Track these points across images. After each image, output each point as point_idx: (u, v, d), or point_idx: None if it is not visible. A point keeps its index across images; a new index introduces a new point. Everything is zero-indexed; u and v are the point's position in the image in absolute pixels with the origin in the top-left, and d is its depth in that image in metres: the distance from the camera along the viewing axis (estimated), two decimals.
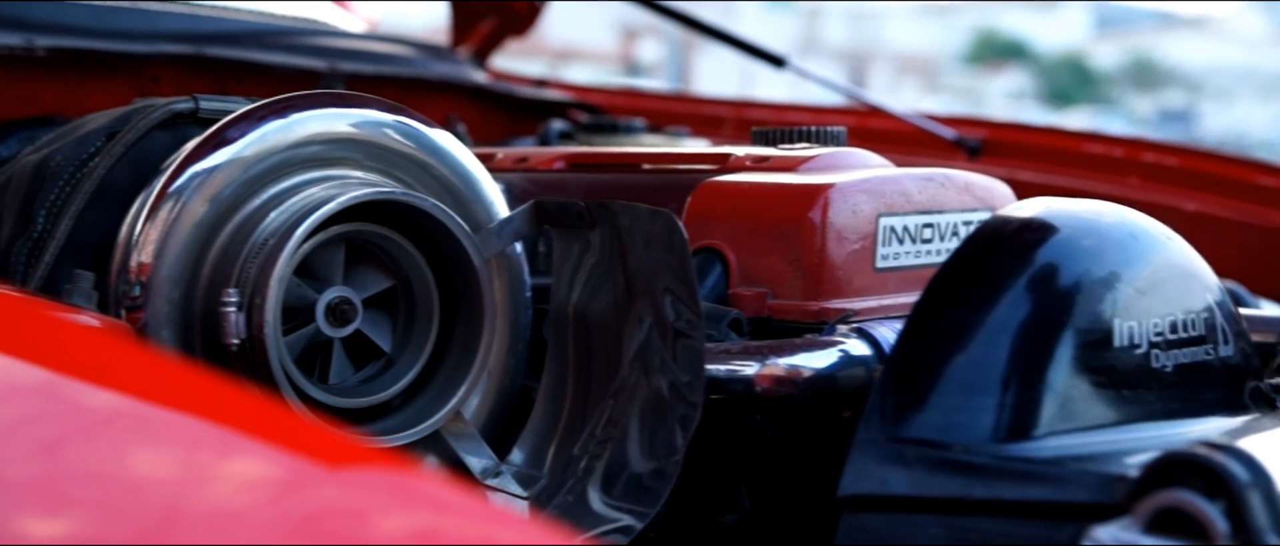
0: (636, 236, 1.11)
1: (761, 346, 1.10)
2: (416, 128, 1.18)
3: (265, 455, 0.57)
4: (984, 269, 1.01)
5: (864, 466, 0.94)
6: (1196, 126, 33.64)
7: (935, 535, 0.90)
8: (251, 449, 0.58)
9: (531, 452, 1.18)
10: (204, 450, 0.56)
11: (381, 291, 1.17)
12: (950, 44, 37.25)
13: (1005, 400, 0.96)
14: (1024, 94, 35.68)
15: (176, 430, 0.58)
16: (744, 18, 34.51)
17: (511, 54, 2.54)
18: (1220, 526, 0.79)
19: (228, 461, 0.55)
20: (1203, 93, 36.00)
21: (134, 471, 0.53)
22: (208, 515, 0.50)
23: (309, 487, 0.55)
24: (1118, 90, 36.28)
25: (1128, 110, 34.63)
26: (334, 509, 0.54)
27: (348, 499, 0.55)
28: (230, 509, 0.51)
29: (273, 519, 0.51)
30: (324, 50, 1.84)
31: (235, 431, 0.59)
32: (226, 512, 0.50)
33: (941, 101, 31.23)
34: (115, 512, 0.50)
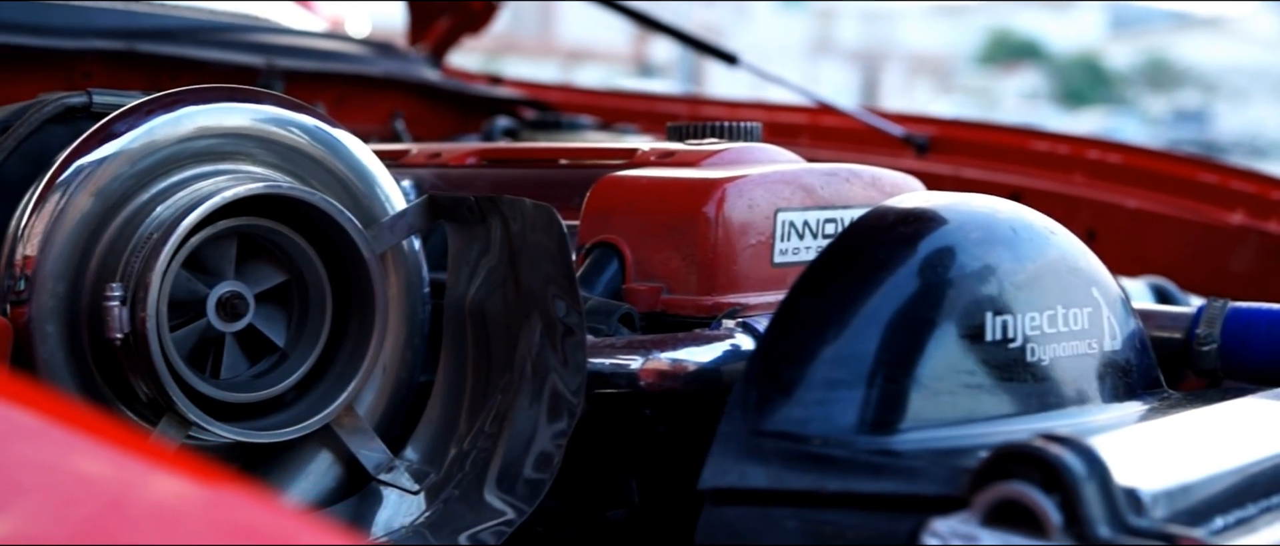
0: (523, 231, 1.11)
1: (646, 341, 1.10)
2: (312, 123, 1.19)
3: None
4: (854, 261, 1.01)
5: (724, 459, 0.94)
6: (1211, 127, 33.51)
7: (791, 528, 0.90)
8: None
9: (425, 447, 1.18)
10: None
11: (277, 286, 1.17)
12: (964, 44, 37.16)
13: (870, 393, 0.96)
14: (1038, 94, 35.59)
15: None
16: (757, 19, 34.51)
17: (524, 55, 2.56)
18: (1054, 518, 0.79)
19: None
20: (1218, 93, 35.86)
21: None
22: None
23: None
24: (1132, 90, 36.15)
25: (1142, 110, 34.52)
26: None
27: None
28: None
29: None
30: (263, 47, 1.84)
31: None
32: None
33: (955, 102, 31.17)
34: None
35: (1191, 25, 40.27)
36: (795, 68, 32.89)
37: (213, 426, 1.09)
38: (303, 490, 1.17)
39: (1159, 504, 0.83)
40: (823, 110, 2.33)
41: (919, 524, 0.82)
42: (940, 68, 36.26)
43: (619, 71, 24.64)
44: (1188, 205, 1.96)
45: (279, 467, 1.17)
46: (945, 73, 36.30)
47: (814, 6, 36.03)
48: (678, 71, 27.49)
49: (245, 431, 1.11)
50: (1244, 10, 39.07)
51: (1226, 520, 0.88)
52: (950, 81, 35.85)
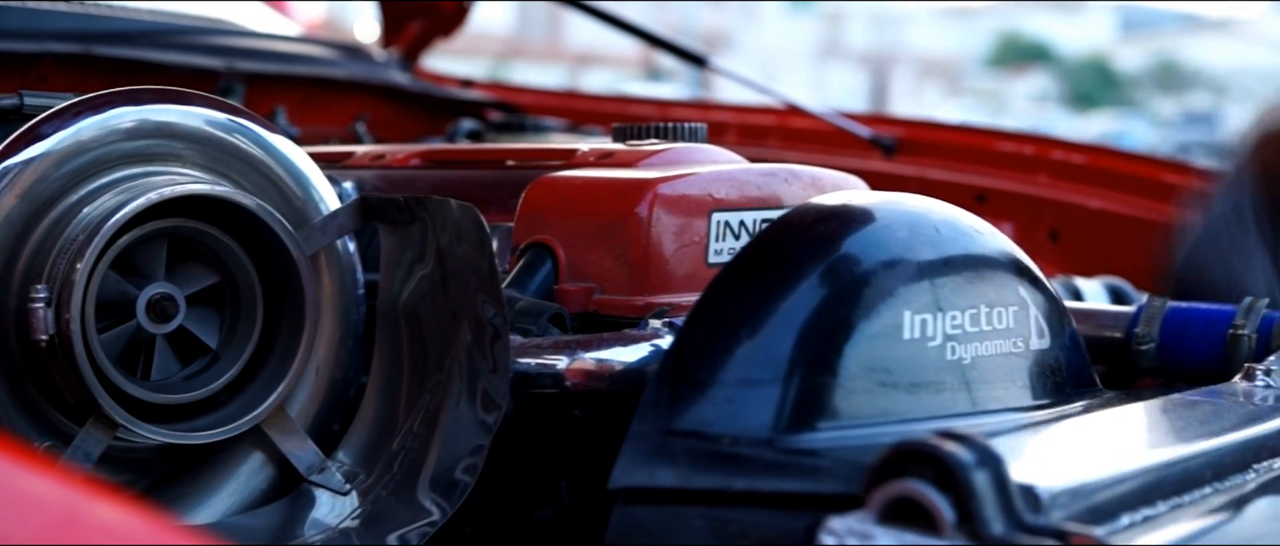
0: (449, 232, 1.11)
1: (571, 341, 1.10)
2: (245, 124, 1.19)
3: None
4: (770, 260, 1.01)
5: (634, 459, 0.94)
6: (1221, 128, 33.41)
7: (699, 527, 0.90)
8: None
9: (357, 448, 1.18)
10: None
11: (209, 288, 1.17)
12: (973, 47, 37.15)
13: (783, 392, 0.96)
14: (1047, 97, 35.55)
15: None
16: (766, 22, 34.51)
17: (532, 59, 2.56)
18: (947, 516, 0.79)
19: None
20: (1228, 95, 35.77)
21: None
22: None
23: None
24: (1142, 93, 36.10)
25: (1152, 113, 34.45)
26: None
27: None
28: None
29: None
30: (223, 49, 1.85)
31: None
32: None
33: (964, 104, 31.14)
34: None
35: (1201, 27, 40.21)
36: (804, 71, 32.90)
37: (138, 428, 1.09)
38: (234, 491, 1.17)
39: (1058, 501, 0.83)
40: (792, 112, 2.33)
41: (816, 522, 0.82)
42: (949, 70, 36.25)
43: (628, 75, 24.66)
44: (1150, 205, 1.96)
45: (211, 469, 1.17)
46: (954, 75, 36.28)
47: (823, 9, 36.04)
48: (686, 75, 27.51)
49: (172, 433, 1.11)
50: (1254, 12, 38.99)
51: (1133, 518, 0.88)
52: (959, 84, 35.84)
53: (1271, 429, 1.03)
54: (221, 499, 1.17)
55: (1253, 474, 0.99)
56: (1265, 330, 1.24)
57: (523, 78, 22.41)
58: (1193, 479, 0.94)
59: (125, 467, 1.16)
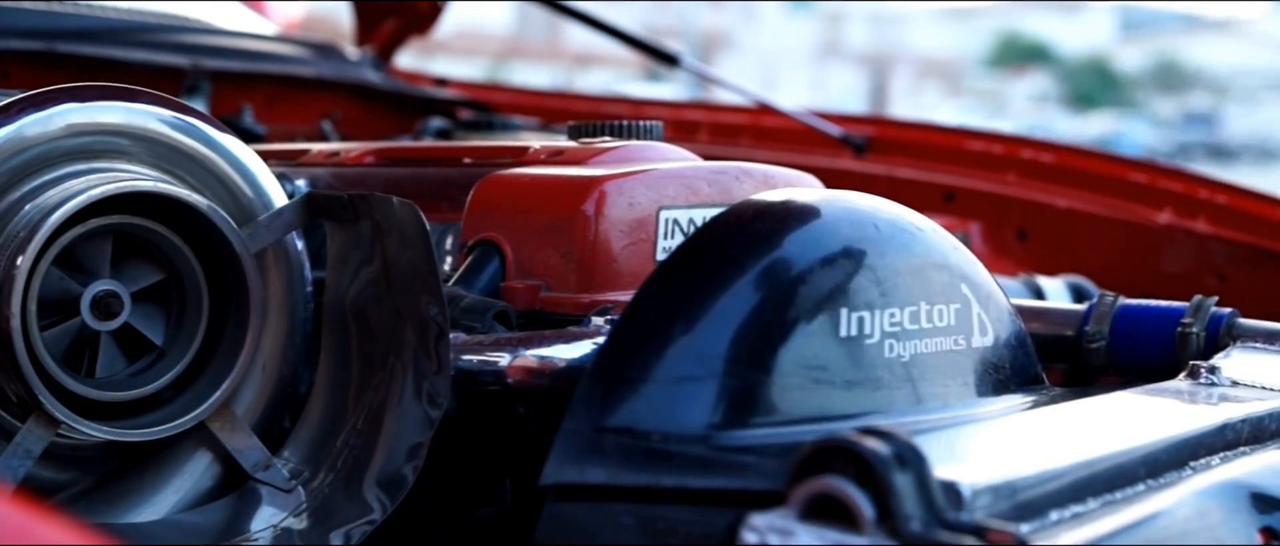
0: (392, 229, 1.11)
1: (514, 338, 1.10)
2: (190, 122, 1.19)
3: None
4: (705, 258, 1.01)
5: (565, 455, 0.94)
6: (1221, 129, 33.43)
7: (628, 523, 0.90)
8: None
9: (303, 445, 1.18)
10: None
11: (156, 284, 1.17)
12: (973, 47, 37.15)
13: (716, 389, 0.96)
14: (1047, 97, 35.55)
15: None
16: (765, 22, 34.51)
17: (531, 60, 2.56)
18: (867, 512, 0.79)
19: None
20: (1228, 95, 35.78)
21: None
22: None
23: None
24: (1142, 93, 36.09)
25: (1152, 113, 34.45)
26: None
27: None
28: None
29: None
30: (189, 47, 1.85)
31: None
32: None
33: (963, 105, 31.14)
34: None
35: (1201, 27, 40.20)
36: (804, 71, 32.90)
37: (80, 425, 1.09)
38: (179, 488, 1.17)
39: (982, 498, 0.83)
40: (764, 111, 2.33)
41: (739, 518, 0.82)
42: (949, 70, 36.25)
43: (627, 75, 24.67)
44: (1117, 204, 1.96)
45: (156, 466, 1.17)
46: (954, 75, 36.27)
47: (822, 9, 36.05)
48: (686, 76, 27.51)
49: (113, 429, 1.11)
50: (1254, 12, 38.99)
51: (1062, 514, 0.88)
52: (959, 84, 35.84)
53: (1210, 426, 1.03)
54: (166, 496, 1.17)
55: (1189, 471, 0.99)
56: (1214, 328, 1.24)
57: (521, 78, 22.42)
58: (1126, 476, 0.94)
59: (70, 465, 1.16)
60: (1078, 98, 34.97)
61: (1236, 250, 1.84)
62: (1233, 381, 1.13)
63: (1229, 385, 1.13)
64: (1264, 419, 1.07)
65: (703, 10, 33.01)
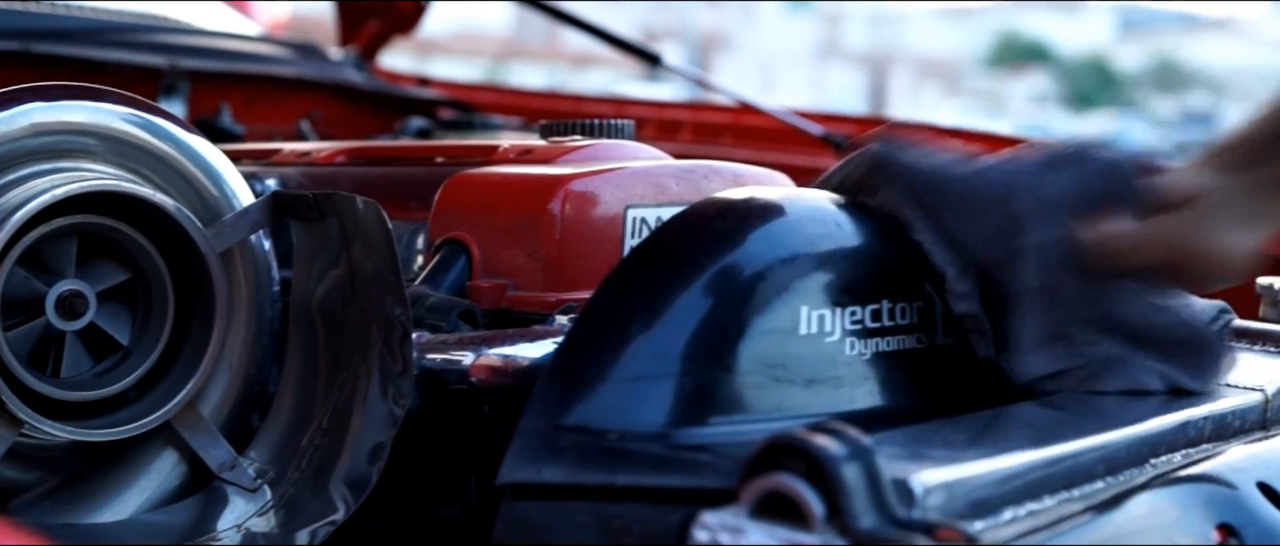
0: (356, 227, 1.11)
1: (477, 337, 1.10)
2: (156, 121, 1.19)
3: None
4: (664, 256, 1.01)
5: (523, 454, 0.94)
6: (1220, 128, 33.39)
7: (584, 522, 0.90)
8: None
9: (269, 445, 1.18)
10: None
11: (122, 284, 1.17)
12: (972, 47, 37.15)
13: (673, 388, 0.96)
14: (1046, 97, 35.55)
15: None
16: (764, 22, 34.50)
17: (530, 60, 2.56)
18: (817, 510, 0.79)
19: None
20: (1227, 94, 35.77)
21: None
22: None
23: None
24: (1141, 92, 36.09)
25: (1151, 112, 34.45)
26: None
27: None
28: None
29: None
30: (167, 47, 1.84)
31: None
32: None
33: (962, 104, 31.15)
34: None
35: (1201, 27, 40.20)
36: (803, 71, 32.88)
37: (44, 425, 1.09)
38: (145, 489, 1.17)
39: (935, 496, 0.83)
40: (746, 110, 2.33)
41: (690, 516, 0.82)
42: (948, 70, 36.25)
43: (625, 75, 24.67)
44: None
45: (122, 466, 1.17)
46: (953, 75, 36.27)
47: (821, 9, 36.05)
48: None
49: (76, 430, 1.11)
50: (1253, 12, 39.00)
51: (1016, 512, 0.88)
52: (958, 84, 35.85)
53: (1171, 424, 1.03)
54: (132, 496, 1.17)
55: (1149, 468, 0.99)
56: None
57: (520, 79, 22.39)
58: (1084, 473, 0.94)
59: (35, 465, 1.16)
60: (1077, 97, 34.97)
61: None
62: None
63: None
64: (1226, 416, 1.07)
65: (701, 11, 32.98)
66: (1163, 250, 1.06)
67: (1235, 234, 1.05)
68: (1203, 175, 1.08)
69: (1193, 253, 1.05)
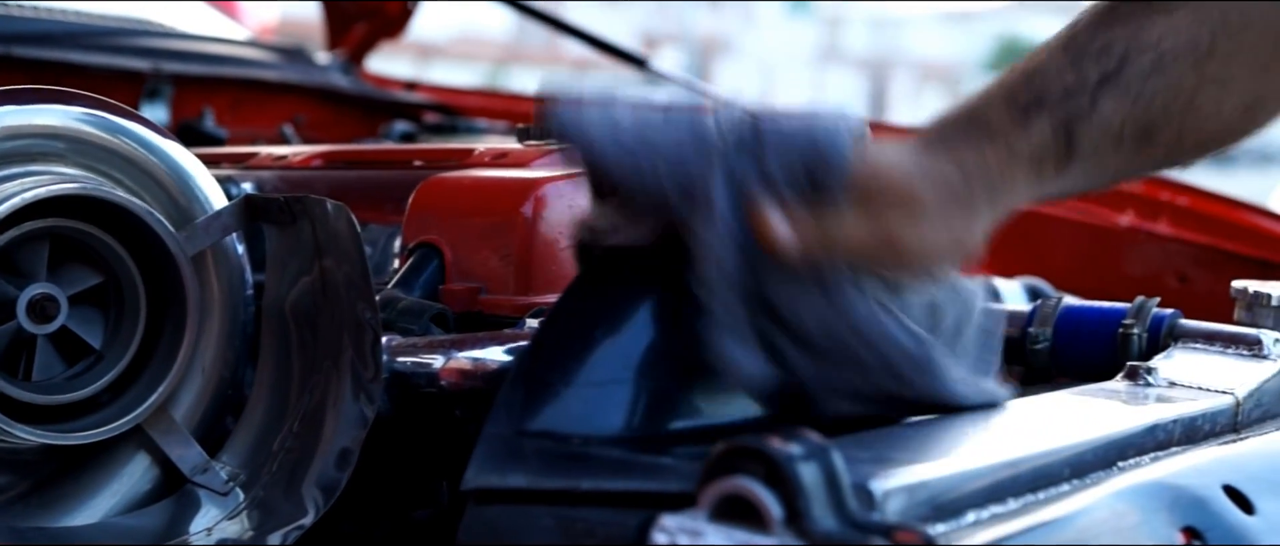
0: (326, 231, 1.11)
1: (447, 340, 1.10)
2: (127, 125, 1.19)
3: None
4: (630, 259, 1.00)
5: (487, 460, 0.94)
6: None
7: (547, 526, 0.90)
8: None
9: (242, 449, 1.18)
10: None
11: (94, 288, 1.17)
12: (973, 52, 37.14)
13: (637, 392, 0.96)
14: None
15: None
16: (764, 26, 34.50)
17: (532, 64, 2.56)
18: (775, 513, 0.79)
19: None
20: None
21: None
22: None
23: None
24: None
25: None
26: None
27: None
28: None
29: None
30: (150, 51, 1.85)
31: None
32: None
33: None
34: None
35: None
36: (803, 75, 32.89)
37: (15, 429, 1.09)
38: (117, 492, 1.17)
39: (895, 498, 0.83)
40: None
41: (650, 519, 0.82)
42: (949, 75, 36.24)
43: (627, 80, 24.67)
44: (1079, 206, 1.96)
45: (94, 470, 1.17)
46: (954, 80, 36.27)
47: (822, 11, 36.04)
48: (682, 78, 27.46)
49: (46, 433, 1.11)
50: None
51: (980, 514, 0.87)
52: (959, 88, 35.84)
53: (1141, 426, 1.02)
54: (104, 499, 1.17)
55: (1116, 471, 0.98)
56: (1155, 329, 1.24)
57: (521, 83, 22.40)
58: (1050, 476, 0.94)
59: (7, 468, 1.16)
60: None
61: (1198, 252, 1.85)
62: (1170, 382, 1.13)
63: (1166, 386, 1.13)
64: (1196, 419, 1.07)
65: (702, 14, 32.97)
66: (858, 240, 0.93)
67: (942, 222, 0.95)
68: (911, 153, 0.97)
69: (891, 242, 0.94)
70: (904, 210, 0.94)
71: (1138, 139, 1.00)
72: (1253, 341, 1.19)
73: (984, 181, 0.96)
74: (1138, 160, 1.03)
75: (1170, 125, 1.00)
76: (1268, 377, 1.15)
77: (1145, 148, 1.01)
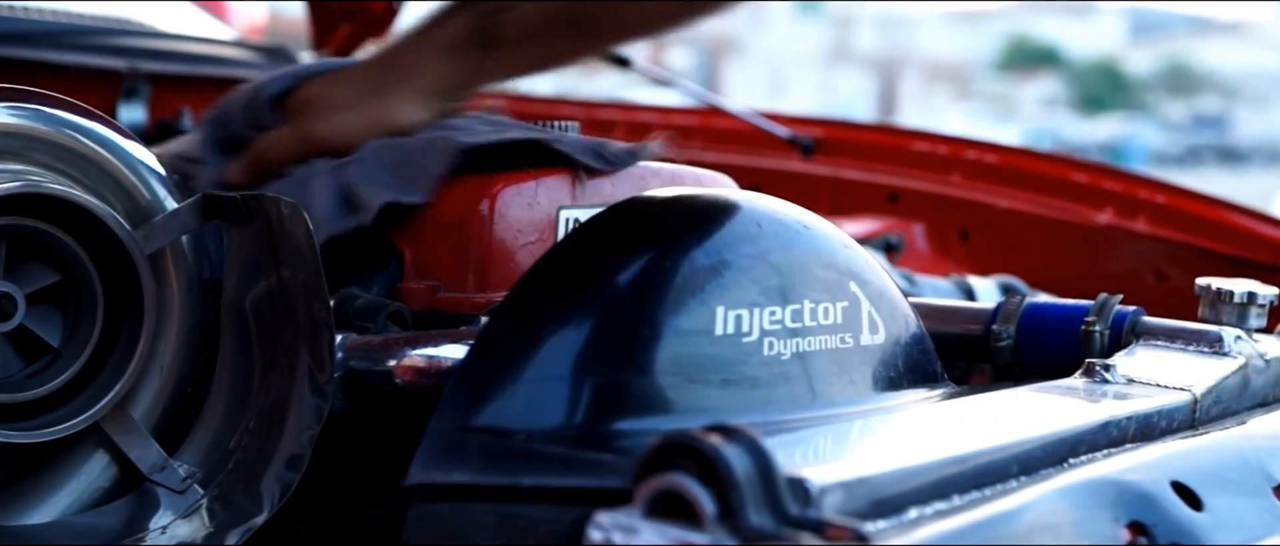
0: (280, 229, 1.11)
1: (402, 338, 1.10)
2: (87, 124, 1.19)
3: None
4: (578, 258, 1.01)
5: (431, 456, 0.94)
6: (1231, 132, 33.36)
7: (490, 523, 0.90)
8: None
9: (200, 447, 1.18)
10: None
11: (52, 286, 1.17)
12: (982, 51, 37.11)
13: (582, 388, 0.95)
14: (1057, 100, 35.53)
15: None
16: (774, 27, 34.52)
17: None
18: (708, 509, 0.78)
19: None
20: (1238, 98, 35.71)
21: None
22: None
23: None
24: (1152, 96, 36.04)
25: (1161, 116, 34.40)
26: None
27: None
28: None
29: None
30: (127, 50, 1.84)
31: None
32: None
33: (973, 109, 31.12)
34: None
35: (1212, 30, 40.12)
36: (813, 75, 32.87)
37: None
38: (75, 490, 1.17)
39: (832, 495, 0.82)
40: (714, 113, 2.33)
41: (585, 516, 0.82)
42: (958, 74, 36.22)
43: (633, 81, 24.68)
44: (1058, 204, 1.96)
45: (52, 469, 1.17)
46: (963, 79, 36.24)
47: (832, 11, 36.03)
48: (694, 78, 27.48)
49: (6, 432, 1.11)
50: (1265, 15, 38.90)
51: (922, 511, 0.87)
52: (968, 88, 35.82)
53: (1094, 423, 1.02)
54: (61, 498, 1.17)
55: (1067, 467, 0.98)
56: (1117, 326, 1.24)
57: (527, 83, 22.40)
58: (997, 472, 0.93)
59: None
60: (1087, 101, 34.93)
61: (1175, 250, 1.84)
62: (1128, 379, 1.13)
63: (1123, 382, 1.12)
64: (1152, 416, 1.06)
65: None
66: (283, 143, 1.25)
67: (354, 110, 1.23)
68: (328, 76, 1.28)
69: (305, 137, 1.24)
70: (316, 109, 1.25)
71: (572, 26, 1.22)
72: (1214, 339, 1.18)
73: (397, 68, 1.24)
74: (578, 43, 1.26)
75: (603, 16, 1.22)
76: (1227, 374, 1.14)
77: (582, 34, 1.24)
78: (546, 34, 1.22)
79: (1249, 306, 1.21)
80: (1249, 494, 0.99)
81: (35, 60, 1.74)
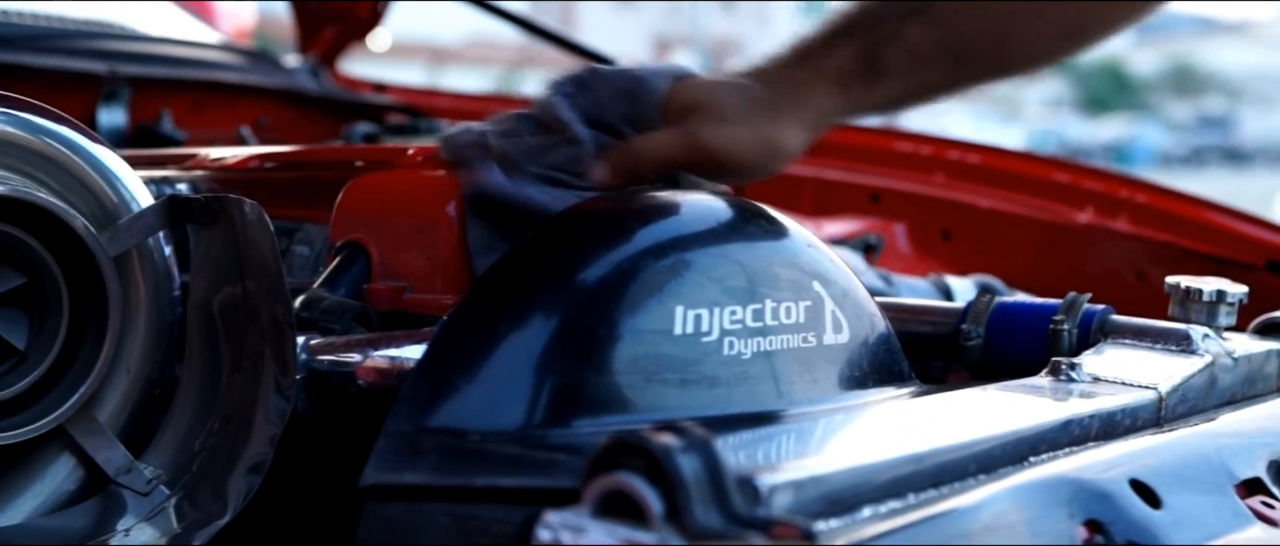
0: (243, 230, 1.11)
1: (366, 339, 1.10)
2: (52, 126, 1.19)
3: None
4: (536, 258, 1.00)
5: (386, 456, 0.93)
6: (1235, 132, 33.30)
7: (444, 524, 0.90)
8: None
9: (166, 449, 1.18)
10: None
11: (17, 289, 1.17)
12: None
13: (539, 388, 0.95)
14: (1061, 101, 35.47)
15: None
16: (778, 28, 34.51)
17: (545, 67, 2.56)
18: (656, 508, 0.78)
19: None
20: (1242, 98, 35.66)
21: None
22: None
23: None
24: (1156, 96, 35.99)
25: (1166, 116, 34.35)
26: None
27: None
28: None
29: None
30: (107, 53, 1.84)
31: None
32: None
33: (976, 109, 31.07)
34: None
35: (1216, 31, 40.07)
36: None
37: None
38: (40, 493, 1.17)
39: (782, 493, 0.82)
40: None
41: (534, 515, 0.82)
42: None
43: None
44: (1039, 204, 1.96)
45: (18, 471, 1.17)
46: None
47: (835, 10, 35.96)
48: None
49: None
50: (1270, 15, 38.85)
51: (876, 509, 0.87)
52: None
53: (1056, 421, 1.02)
54: (26, 501, 1.17)
55: (1026, 466, 0.98)
56: (1086, 325, 1.23)
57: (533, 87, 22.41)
58: (955, 470, 0.93)
59: None
60: (1092, 102, 34.90)
61: (1156, 249, 1.84)
62: (1094, 377, 1.12)
63: (1089, 381, 1.12)
64: (1115, 414, 1.06)
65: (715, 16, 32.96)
66: (668, 146, 1.14)
67: (745, 124, 1.13)
68: (725, 78, 1.19)
69: (695, 144, 1.13)
70: (706, 115, 1.13)
71: (953, 59, 1.18)
72: (1182, 337, 1.18)
73: (789, 92, 1.15)
74: (957, 75, 1.20)
75: (985, 49, 1.19)
76: (1194, 372, 1.14)
77: (962, 66, 1.19)
78: (928, 66, 1.18)
79: (1218, 305, 1.21)
80: (1209, 492, 0.99)
81: (13, 64, 1.74)
